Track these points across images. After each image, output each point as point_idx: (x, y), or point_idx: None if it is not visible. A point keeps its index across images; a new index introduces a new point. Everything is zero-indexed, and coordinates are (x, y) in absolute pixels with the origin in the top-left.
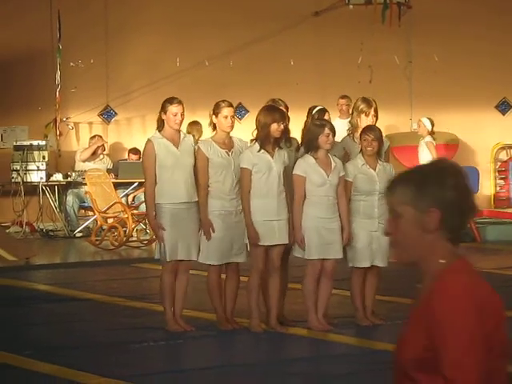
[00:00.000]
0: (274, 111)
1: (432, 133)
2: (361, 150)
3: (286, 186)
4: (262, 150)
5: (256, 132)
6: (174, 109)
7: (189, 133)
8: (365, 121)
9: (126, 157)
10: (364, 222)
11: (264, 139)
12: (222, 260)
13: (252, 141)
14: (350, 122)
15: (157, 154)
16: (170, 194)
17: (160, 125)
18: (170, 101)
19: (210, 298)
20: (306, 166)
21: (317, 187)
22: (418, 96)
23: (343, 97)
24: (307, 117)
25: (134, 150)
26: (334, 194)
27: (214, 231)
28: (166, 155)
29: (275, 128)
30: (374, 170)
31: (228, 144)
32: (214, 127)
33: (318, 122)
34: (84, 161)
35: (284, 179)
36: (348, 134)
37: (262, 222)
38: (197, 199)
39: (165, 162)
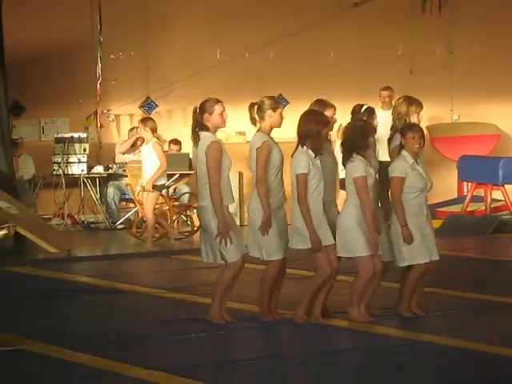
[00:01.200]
0: (323, 117)
1: None
2: (401, 147)
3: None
4: (316, 156)
5: (303, 137)
6: (220, 108)
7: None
8: (414, 120)
9: (167, 148)
10: (416, 220)
11: (316, 144)
12: (282, 254)
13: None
14: (394, 110)
15: (223, 157)
16: (227, 196)
17: (203, 127)
18: (215, 101)
19: (263, 291)
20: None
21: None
22: (458, 87)
23: (385, 88)
24: (352, 115)
25: (175, 141)
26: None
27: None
28: (224, 157)
29: (325, 133)
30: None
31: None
32: (254, 122)
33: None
34: (123, 153)
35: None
36: (394, 121)
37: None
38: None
39: (225, 164)
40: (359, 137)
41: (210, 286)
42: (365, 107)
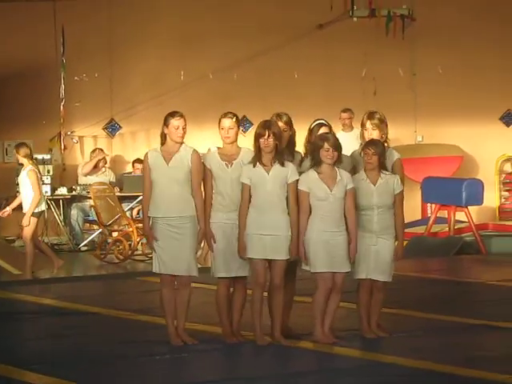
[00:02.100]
0: (260, 126)
1: None
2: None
3: (294, 203)
4: (258, 165)
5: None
6: (175, 122)
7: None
8: (368, 135)
9: (131, 167)
10: (362, 236)
11: (257, 153)
12: (229, 272)
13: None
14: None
15: (150, 168)
16: (158, 208)
17: (163, 139)
18: (172, 114)
19: (218, 311)
20: (309, 181)
21: (320, 202)
22: (422, 108)
23: (345, 110)
24: (308, 131)
25: (139, 160)
26: (339, 208)
27: (214, 242)
28: (155, 169)
29: (261, 143)
30: (375, 184)
31: (232, 156)
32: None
33: (320, 136)
34: (85, 174)
35: (291, 195)
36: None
37: (252, 235)
38: (191, 213)
39: (154, 176)
40: (314, 151)
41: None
42: (316, 122)
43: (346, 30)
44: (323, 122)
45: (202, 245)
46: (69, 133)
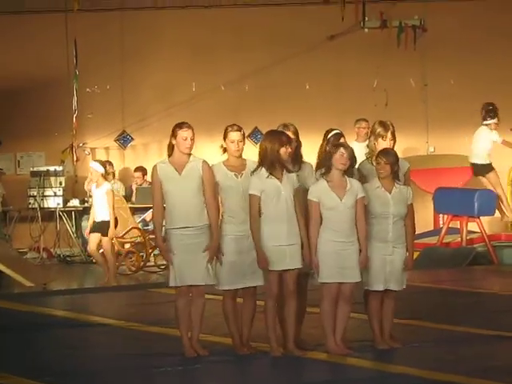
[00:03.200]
0: (280, 135)
1: None
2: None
3: (300, 211)
4: (270, 175)
5: (260, 158)
6: (183, 133)
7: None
8: (382, 144)
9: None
10: (377, 246)
11: (271, 164)
12: (234, 285)
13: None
14: (367, 145)
15: (161, 180)
16: (174, 219)
17: (170, 150)
18: (180, 125)
19: (226, 323)
20: (319, 191)
21: (330, 211)
22: (434, 119)
23: (363, 120)
24: (323, 140)
25: (140, 169)
26: (349, 217)
27: (223, 255)
28: (167, 180)
29: (283, 151)
30: (390, 192)
31: (239, 167)
32: (225, 151)
33: (335, 143)
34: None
35: (296, 203)
36: (366, 158)
37: (272, 247)
38: (206, 222)
39: (167, 188)
40: (326, 158)
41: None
42: (333, 132)
43: (357, 42)
44: (339, 131)
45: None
46: (81, 144)
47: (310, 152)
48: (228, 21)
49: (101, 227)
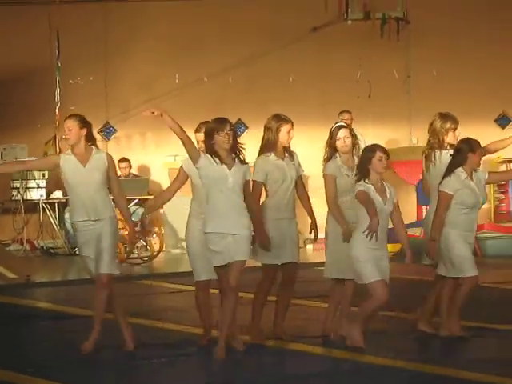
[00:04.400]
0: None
1: None
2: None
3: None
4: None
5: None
6: (65, 124)
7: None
8: (452, 137)
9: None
10: (460, 235)
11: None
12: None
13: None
14: (430, 140)
15: (64, 172)
16: (78, 212)
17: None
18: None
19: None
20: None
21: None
22: (417, 110)
23: (346, 111)
24: (329, 134)
25: (123, 160)
26: (386, 224)
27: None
28: (72, 173)
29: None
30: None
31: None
32: None
33: (369, 147)
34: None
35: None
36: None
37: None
38: (110, 215)
39: (71, 180)
40: (362, 163)
41: (171, 311)
42: (336, 125)
43: (340, 33)
44: (343, 124)
45: None
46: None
47: (293, 143)
48: (212, 13)
49: None
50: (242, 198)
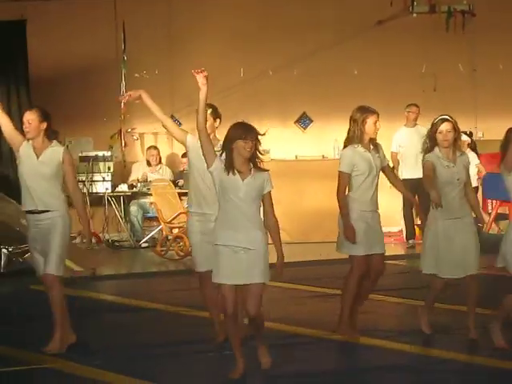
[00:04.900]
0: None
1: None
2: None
3: None
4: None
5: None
6: (25, 116)
7: None
8: None
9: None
10: None
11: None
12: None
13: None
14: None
15: (19, 158)
16: (24, 200)
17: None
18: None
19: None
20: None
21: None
22: (482, 104)
23: (414, 104)
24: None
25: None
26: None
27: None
28: (25, 160)
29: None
30: None
31: None
32: None
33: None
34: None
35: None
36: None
37: None
38: (61, 212)
39: (22, 169)
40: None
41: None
42: (438, 118)
43: (405, 26)
44: (447, 117)
45: None
46: (129, 130)
47: None
48: (277, 5)
49: None
50: (258, 210)
